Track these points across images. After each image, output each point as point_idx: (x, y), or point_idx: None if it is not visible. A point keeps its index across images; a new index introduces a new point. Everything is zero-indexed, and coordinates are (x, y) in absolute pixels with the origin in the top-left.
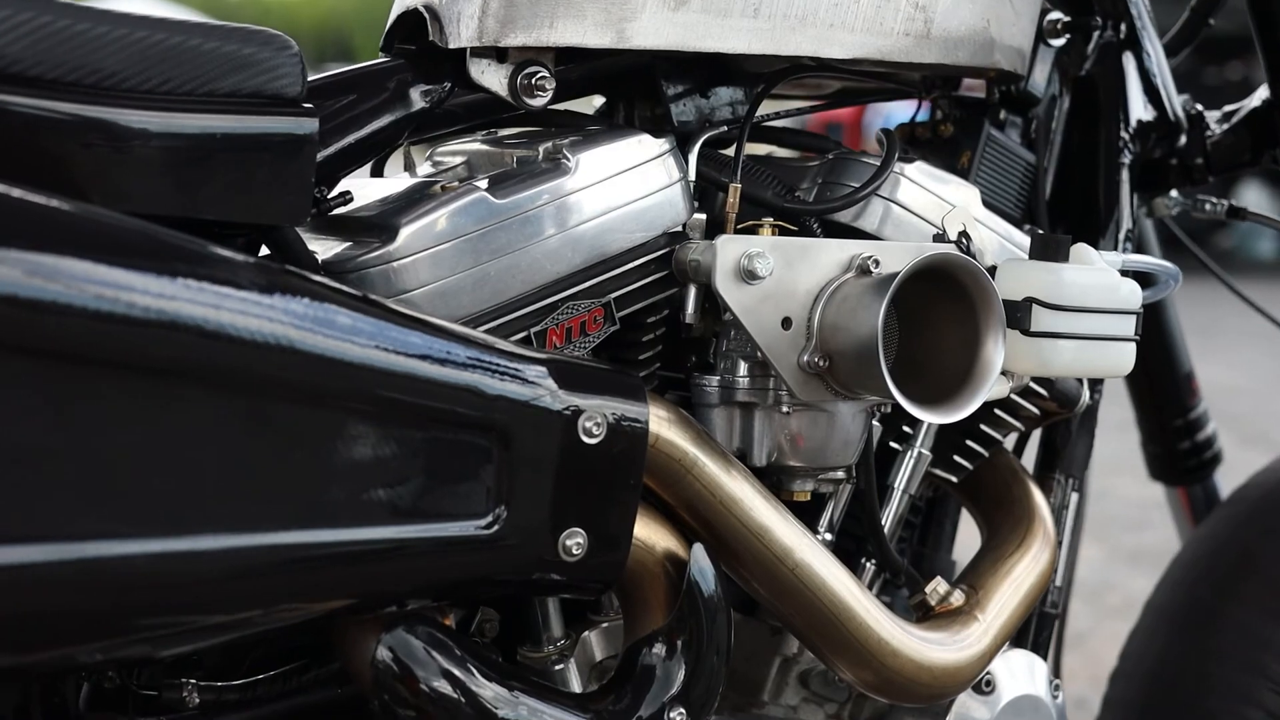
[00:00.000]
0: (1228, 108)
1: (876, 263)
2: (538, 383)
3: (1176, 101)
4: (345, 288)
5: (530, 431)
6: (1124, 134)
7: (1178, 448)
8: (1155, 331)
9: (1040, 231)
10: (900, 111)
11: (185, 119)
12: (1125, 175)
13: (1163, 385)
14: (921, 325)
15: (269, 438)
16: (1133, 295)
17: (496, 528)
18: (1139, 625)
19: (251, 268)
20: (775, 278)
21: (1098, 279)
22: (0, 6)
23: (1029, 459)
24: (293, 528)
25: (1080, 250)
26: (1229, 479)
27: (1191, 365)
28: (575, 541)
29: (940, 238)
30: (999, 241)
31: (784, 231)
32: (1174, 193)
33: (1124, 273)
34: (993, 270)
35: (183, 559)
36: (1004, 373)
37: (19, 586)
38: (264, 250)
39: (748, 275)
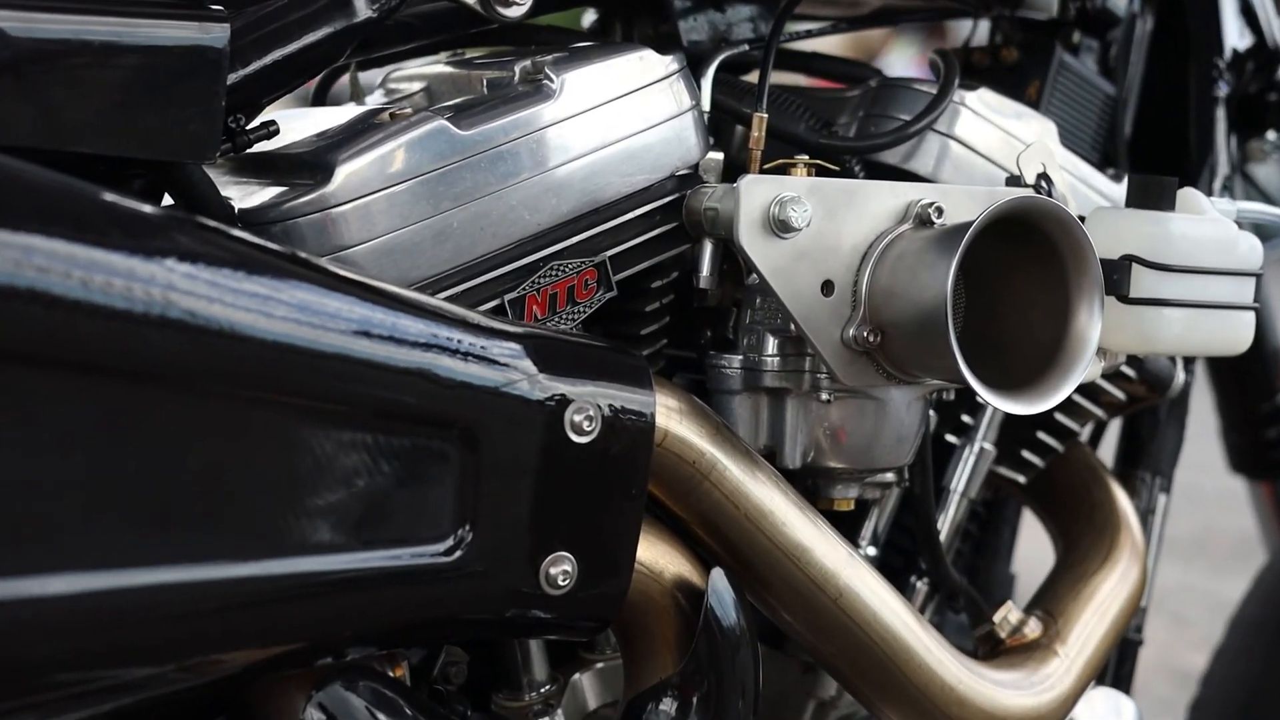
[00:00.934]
0: None
1: (940, 211)
2: (511, 364)
3: (1277, 25)
4: (262, 242)
5: (502, 428)
6: (1218, 62)
7: (1265, 436)
8: None
9: (1142, 176)
10: (900, 63)
11: (54, 23)
12: (1220, 111)
13: (1248, 364)
14: (993, 290)
15: (163, 439)
16: (1253, 253)
17: (460, 554)
18: (1227, 644)
19: (134, 216)
20: (814, 230)
21: (1212, 232)
22: None
23: (1106, 452)
24: (195, 560)
25: (1188, 196)
26: None
27: None
28: (561, 570)
29: (1015, 181)
30: (1082, 188)
31: (822, 173)
32: (1271, 134)
33: (1240, 225)
34: (1082, 221)
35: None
36: (1097, 350)
37: None
38: (166, 199)
39: (779, 226)
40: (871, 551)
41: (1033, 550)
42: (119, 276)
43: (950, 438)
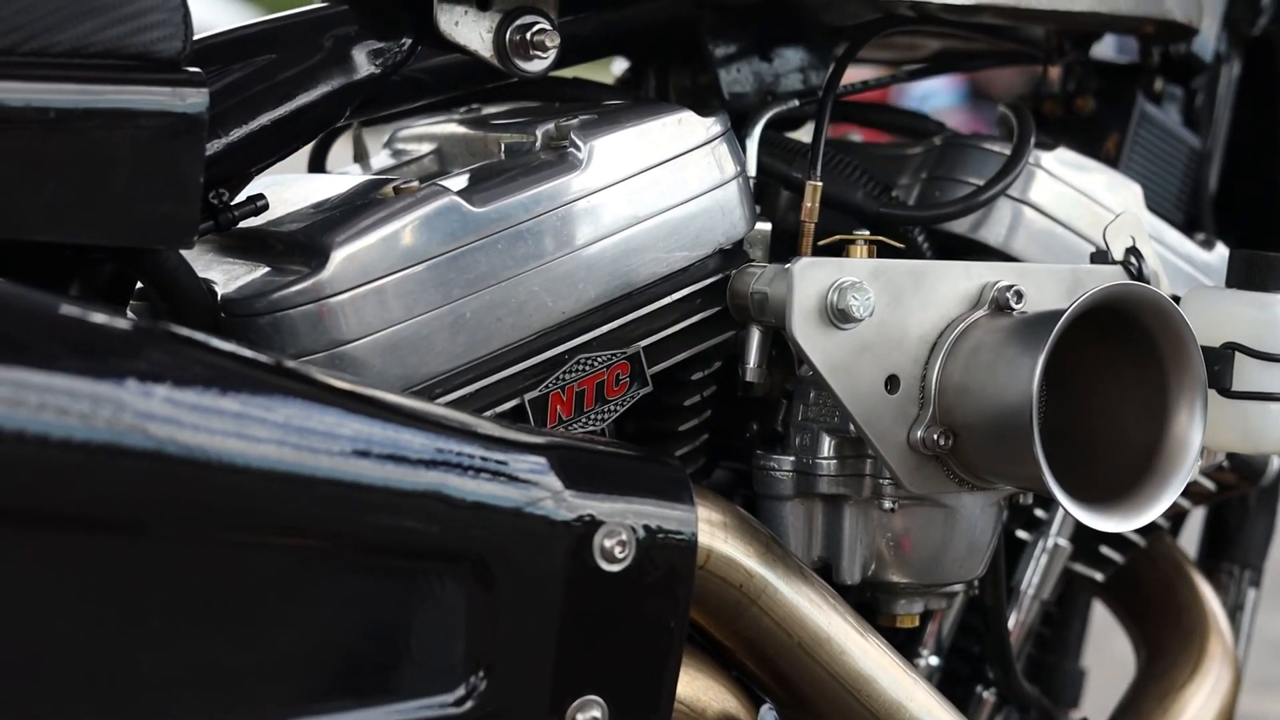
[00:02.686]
0: None
1: (1019, 295)
2: (533, 481)
3: None
4: (239, 351)
5: (521, 559)
6: None
7: None
8: None
9: (1243, 251)
10: (943, 88)
11: (1, 91)
12: None
13: None
14: (1078, 384)
15: (131, 593)
16: None
17: (472, 704)
18: None
19: (93, 332)
20: (876, 319)
21: None
22: None
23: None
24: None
25: None
26: None
27: None
28: (590, 716)
29: (1101, 257)
30: (1172, 258)
31: (884, 250)
32: None
33: None
34: (1176, 302)
35: None
36: None
37: None
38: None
39: (838, 316)
40: (935, 661)
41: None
42: (75, 407)
43: (1021, 534)
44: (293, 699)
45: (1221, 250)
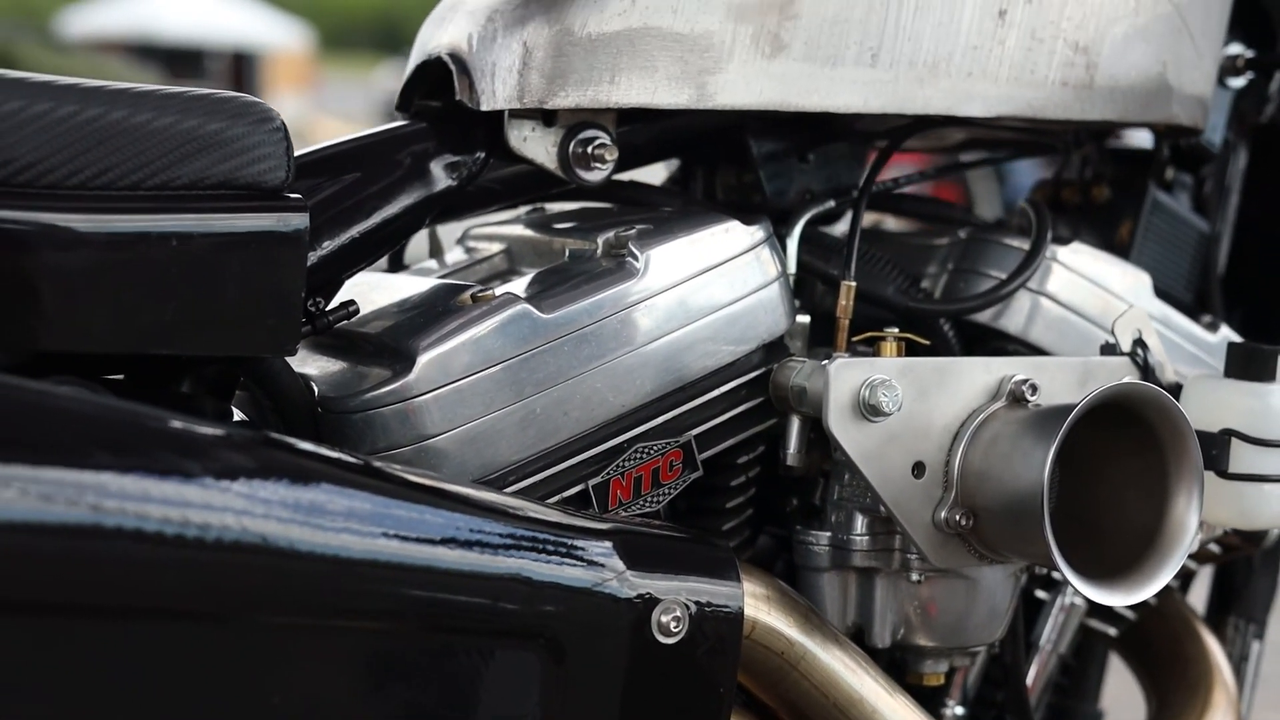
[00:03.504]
0: None
1: (1034, 388)
2: (600, 564)
3: None
4: (342, 455)
5: (589, 635)
6: None
7: None
8: None
9: (1241, 343)
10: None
11: (131, 222)
12: None
13: None
14: (1086, 469)
15: (262, 673)
16: None
17: None
18: None
19: (201, 442)
20: (905, 412)
21: None
22: None
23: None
24: None
25: None
26: None
27: None
28: None
29: (1110, 349)
30: (1178, 341)
31: (912, 347)
32: None
33: None
34: (1177, 390)
35: None
36: None
37: None
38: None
39: (870, 411)
40: (960, 711)
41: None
42: (184, 512)
43: (1040, 593)
44: None
45: (1225, 332)
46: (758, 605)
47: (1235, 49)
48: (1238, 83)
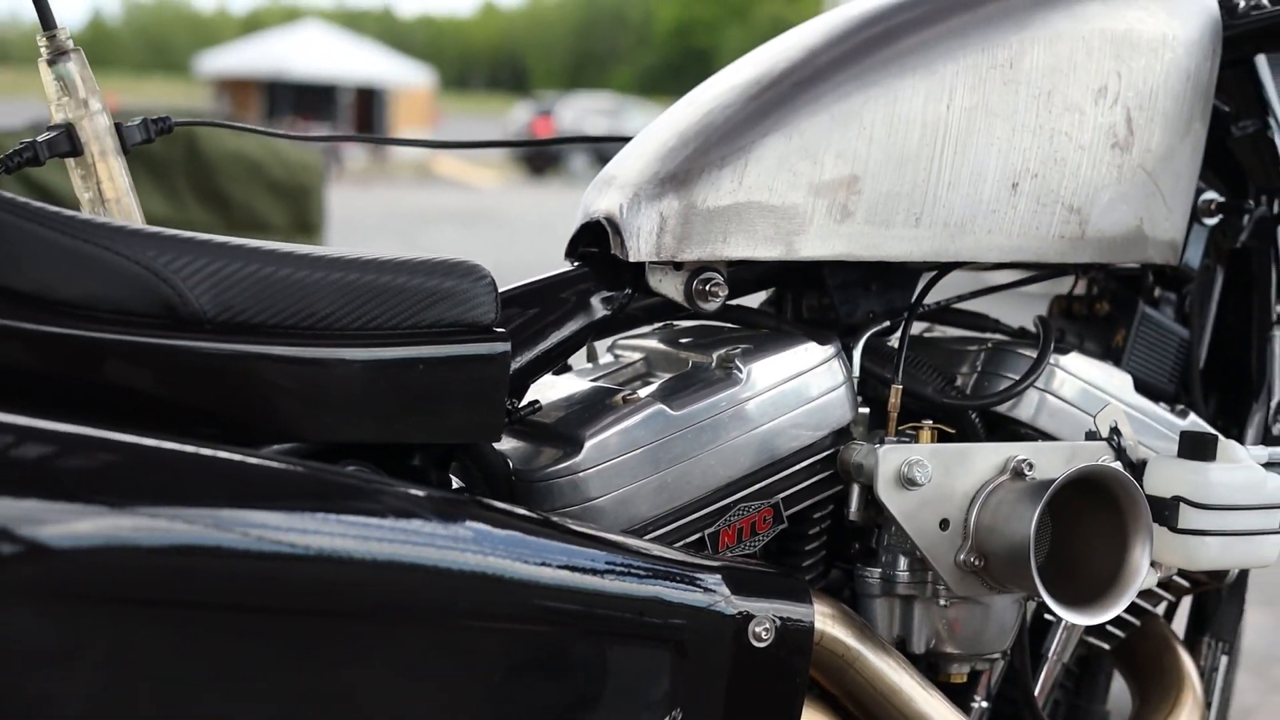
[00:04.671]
0: None
1: (1031, 465)
2: (713, 590)
3: None
4: (528, 513)
5: (705, 640)
6: (1278, 304)
7: None
8: None
9: (1189, 431)
10: None
11: (391, 352)
12: (1277, 347)
13: None
14: (1073, 525)
15: (476, 662)
16: (1278, 490)
17: None
18: None
19: (443, 508)
20: (935, 483)
21: (1245, 477)
22: (230, 260)
23: (1184, 615)
24: None
25: (1227, 448)
26: None
27: None
28: None
29: (1093, 435)
30: (1151, 424)
31: (943, 434)
32: None
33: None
34: (1144, 465)
35: None
36: (1151, 564)
37: None
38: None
39: (907, 482)
40: (985, 705)
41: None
42: (419, 550)
43: (1049, 616)
44: (556, 717)
45: (1193, 418)
46: (825, 621)
47: (1210, 195)
48: (1212, 221)
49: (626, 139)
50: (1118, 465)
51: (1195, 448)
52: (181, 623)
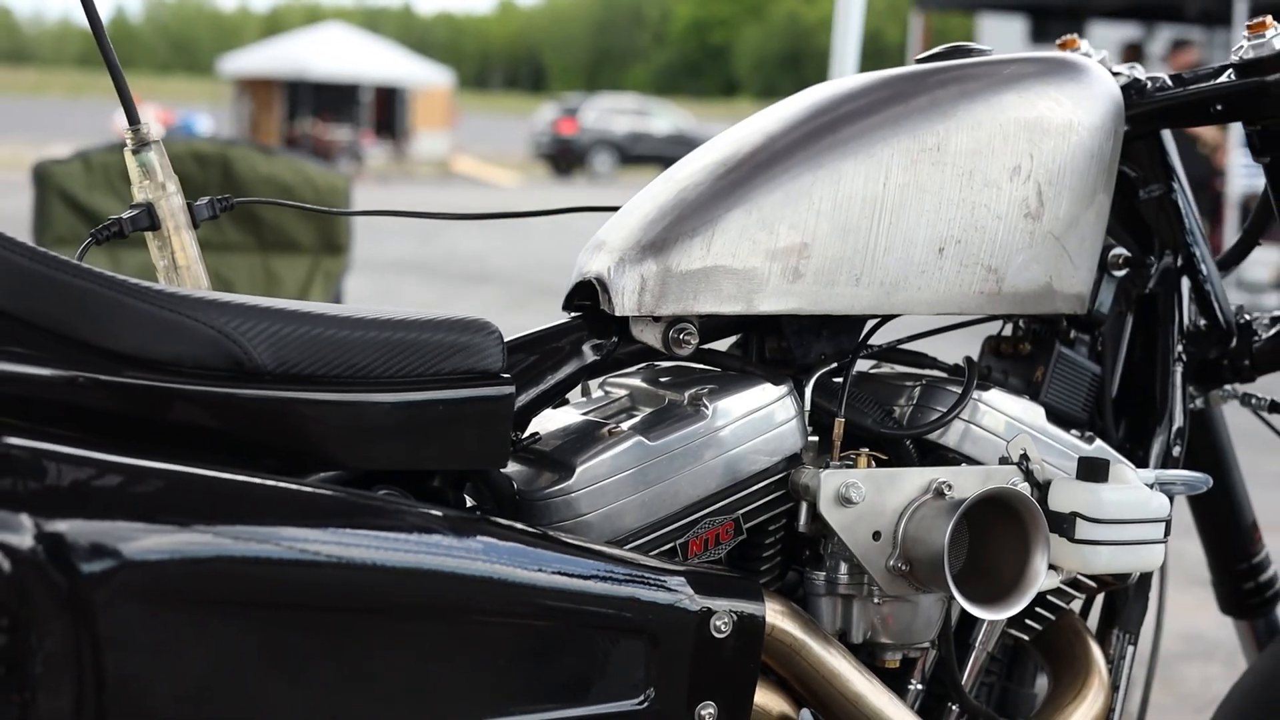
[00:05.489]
0: (1275, 313)
1: (950, 486)
2: (681, 591)
3: (1229, 311)
4: (529, 529)
5: (673, 632)
6: (1179, 344)
7: (1242, 587)
8: (1222, 493)
9: (1085, 456)
10: None
11: (415, 395)
12: (1178, 379)
13: (1228, 536)
14: (987, 535)
15: (484, 650)
16: (1161, 506)
17: (647, 704)
18: None
19: (458, 523)
20: (868, 502)
21: (1131, 496)
22: (285, 322)
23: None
24: (505, 713)
25: (1119, 470)
26: None
27: (1255, 517)
28: (708, 711)
29: (1005, 460)
30: (1059, 448)
31: (878, 459)
32: (1229, 386)
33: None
34: (1049, 484)
35: None
36: (1054, 568)
37: None
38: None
39: (845, 501)
40: (919, 687)
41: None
42: (436, 558)
43: (991, 619)
44: (561, 696)
45: (1099, 443)
46: (775, 615)
47: (1119, 250)
48: (1120, 273)
49: (615, 208)
50: (1025, 486)
51: (1090, 471)
52: (247, 619)
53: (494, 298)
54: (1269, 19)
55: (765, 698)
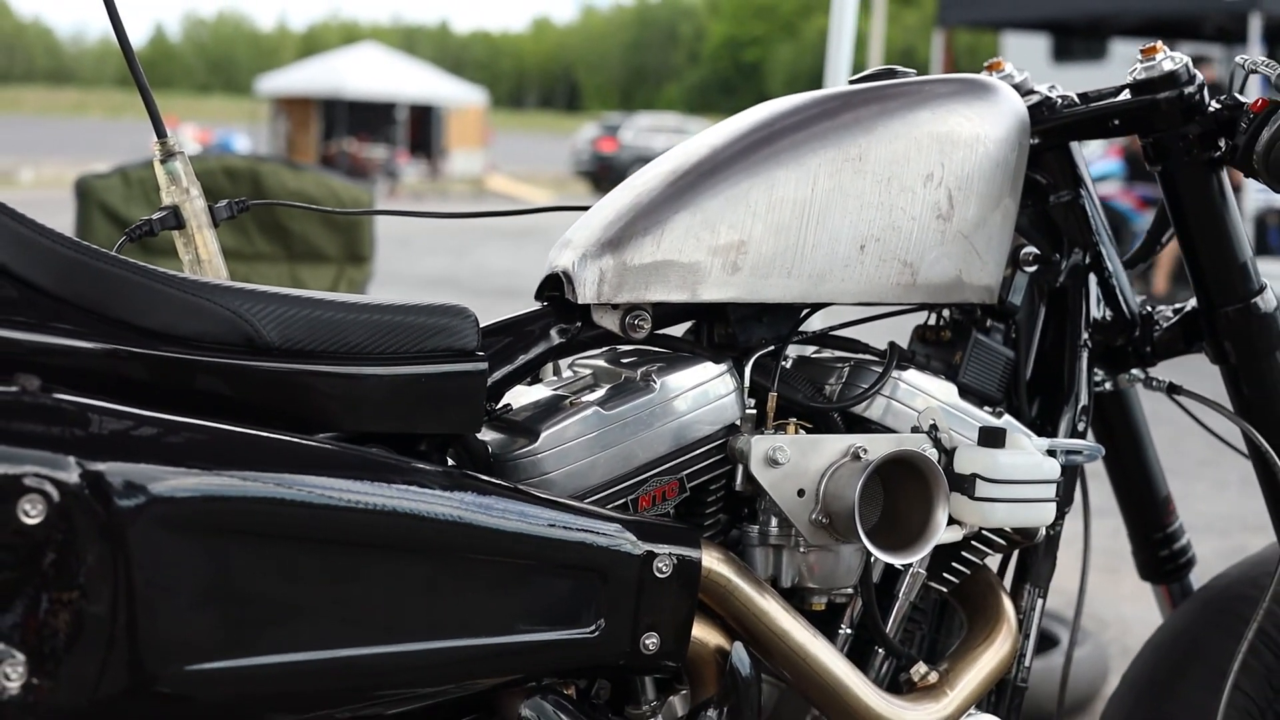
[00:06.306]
0: (1176, 305)
1: (865, 450)
2: (628, 537)
3: (1134, 303)
4: (500, 482)
5: (622, 571)
6: (1085, 332)
7: (1158, 555)
8: (1138, 468)
9: (986, 425)
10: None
11: (401, 369)
12: (1084, 364)
13: (1145, 508)
14: (899, 493)
15: (459, 582)
16: (1052, 469)
17: (598, 633)
18: (1115, 693)
19: (438, 475)
20: (793, 463)
21: (1025, 460)
22: (290, 306)
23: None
24: (474, 635)
25: (1015, 438)
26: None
27: (1169, 490)
28: (651, 640)
29: (917, 429)
30: (970, 421)
31: (806, 428)
32: (1134, 370)
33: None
34: (954, 450)
35: (412, 656)
36: (958, 523)
37: (302, 675)
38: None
39: (772, 463)
40: (848, 631)
41: None
42: (419, 504)
43: (903, 564)
44: (526, 624)
45: (1008, 418)
46: (711, 560)
47: (1030, 249)
48: (1031, 269)
49: (586, 207)
50: (933, 451)
51: (989, 438)
52: (256, 548)
53: None
54: (1159, 44)
55: (703, 632)
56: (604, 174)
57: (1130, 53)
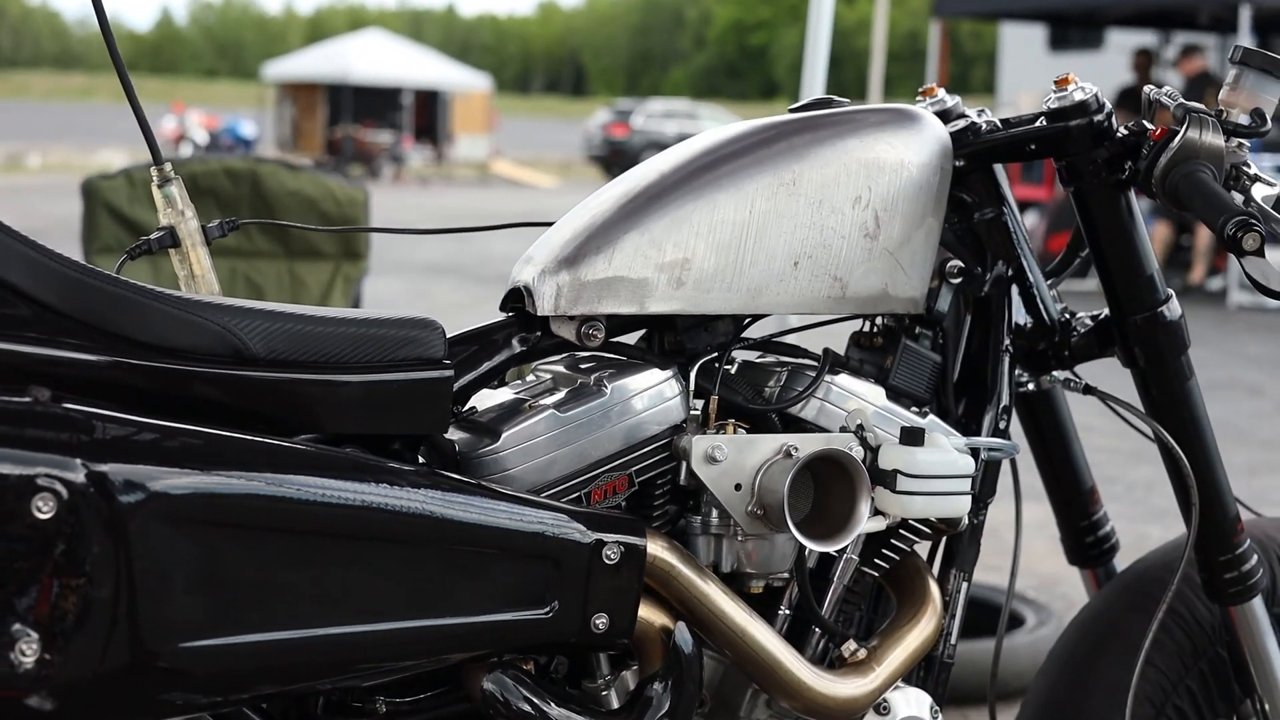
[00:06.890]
0: (1093, 313)
1: (796, 448)
2: (578, 527)
3: (1054, 311)
4: (462, 478)
5: (574, 558)
6: (1008, 338)
7: (1084, 541)
8: (1064, 462)
9: (905, 425)
10: None
11: (373, 377)
12: (1006, 368)
13: (1071, 498)
14: (828, 488)
15: (427, 568)
16: (967, 465)
17: (552, 614)
18: (1041, 669)
19: (408, 473)
20: (730, 460)
21: (941, 457)
22: (274, 320)
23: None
24: (442, 615)
25: (934, 437)
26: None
27: (1094, 481)
28: (601, 620)
29: (845, 428)
30: (897, 422)
31: (744, 429)
32: (1055, 373)
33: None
34: (879, 447)
35: (385, 634)
36: (882, 514)
37: (286, 651)
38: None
39: (711, 460)
40: (786, 612)
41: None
42: (392, 499)
43: (833, 551)
44: (486, 606)
45: (932, 418)
46: (655, 547)
47: (955, 262)
48: (956, 281)
49: (549, 223)
50: (859, 449)
51: (909, 437)
52: (243, 539)
53: None
54: (1071, 75)
55: (649, 613)
56: (615, 159)
57: (1126, 42)
